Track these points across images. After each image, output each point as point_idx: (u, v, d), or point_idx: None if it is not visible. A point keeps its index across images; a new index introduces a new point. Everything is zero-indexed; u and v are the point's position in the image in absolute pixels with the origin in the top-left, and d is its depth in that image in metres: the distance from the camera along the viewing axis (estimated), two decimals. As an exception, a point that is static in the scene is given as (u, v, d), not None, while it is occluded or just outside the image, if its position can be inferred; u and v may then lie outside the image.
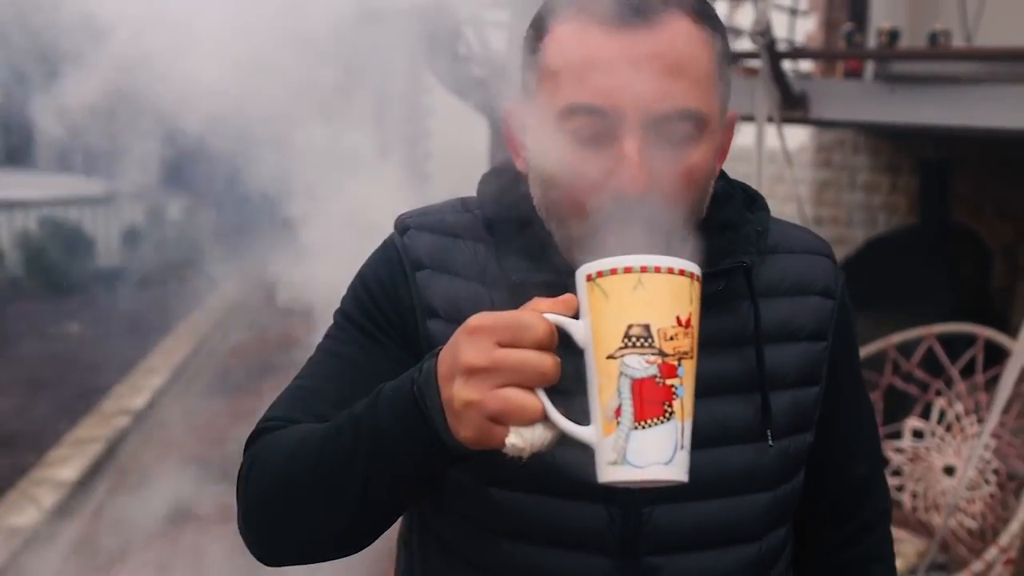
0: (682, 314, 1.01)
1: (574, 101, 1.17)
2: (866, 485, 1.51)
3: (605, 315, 1.01)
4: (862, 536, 1.51)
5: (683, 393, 1.01)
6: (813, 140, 8.35)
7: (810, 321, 1.36)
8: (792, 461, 1.35)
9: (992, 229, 6.72)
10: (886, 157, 7.74)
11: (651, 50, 1.15)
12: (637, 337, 1.00)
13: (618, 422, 1.00)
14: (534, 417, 1.00)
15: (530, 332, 1.01)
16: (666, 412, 1.00)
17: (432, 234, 1.34)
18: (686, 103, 1.16)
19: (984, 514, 4.05)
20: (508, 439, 1.01)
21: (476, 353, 1.01)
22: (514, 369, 1.00)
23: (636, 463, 1.00)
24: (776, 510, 1.35)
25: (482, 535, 1.30)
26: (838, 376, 1.40)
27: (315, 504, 1.17)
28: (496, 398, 1.00)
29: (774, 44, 4.78)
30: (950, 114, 4.83)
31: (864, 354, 4.67)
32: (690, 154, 1.19)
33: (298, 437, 1.22)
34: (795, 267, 1.37)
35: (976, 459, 3.95)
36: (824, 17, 8.01)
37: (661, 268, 1.02)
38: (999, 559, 3.61)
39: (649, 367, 0.99)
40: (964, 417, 4.33)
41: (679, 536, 1.28)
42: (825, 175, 8.27)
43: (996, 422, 3.92)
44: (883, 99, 4.96)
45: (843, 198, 8.05)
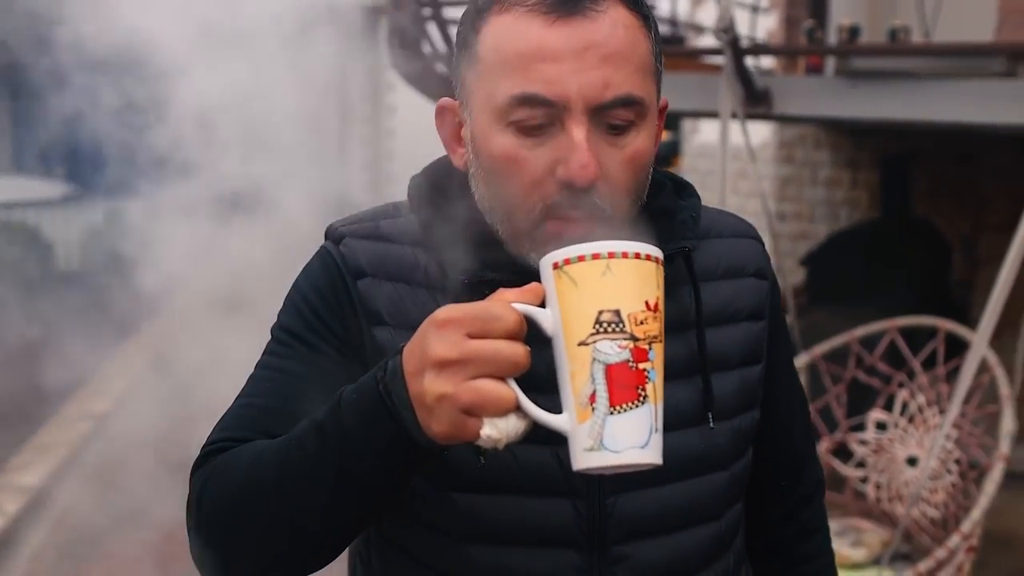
0: (650, 298, 1.03)
1: (518, 92, 1.17)
2: (802, 458, 1.56)
3: (574, 302, 1.02)
4: (801, 508, 1.56)
5: (655, 377, 1.02)
6: (775, 136, 8.40)
7: (748, 303, 1.39)
8: (743, 438, 1.38)
9: (951, 222, 6.79)
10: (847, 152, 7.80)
11: (593, 38, 1.16)
12: (608, 323, 1.00)
13: (593, 408, 1.00)
14: (508, 407, 1.01)
15: (500, 322, 1.01)
16: (640, 396, 1.00)
17: (369, 241, 1.33)
18: (629, 90, 1.18)
19: (946, 503, 4.09)
20: (483, 431, 1.01)
21: (447, 346, 1.01)
22: (486, 360, 1.00)
23: (613, 448, 1.00)
24: (733, 487, 1.38)
25: (447, 541, 1.29)
26: (774, 354, 1.45)
27: (280, 516, 1.14)
28: (469, 390, 1.00)
29: (738, 41, 4.80)
30: (910, 109, 4.87)
31: (828, 348, 4.71)
32: (633, 141, 1.20)
33: (253, 452, 1.19)
34: (728, 251, 1.40)
35: (938, 449, 3.99)
36: (785, 14, 8.06)
37: (628, 253, 1.03)
38: (961, 546, 3.65)
39: (622, 352, 1.00)
40: (926, 408, 4.37)
41: (644, 522, 1.29)
42: (787, 171, 8.33)
43: (957, 413, 3.96)
44: (844, 95, 5.00)
45: (805, 193, 8.11)
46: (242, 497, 1.17)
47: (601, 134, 1.18)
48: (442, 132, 1.32)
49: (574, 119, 1.16)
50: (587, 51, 1.16)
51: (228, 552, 1.19)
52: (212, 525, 1.19)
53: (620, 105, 1.18)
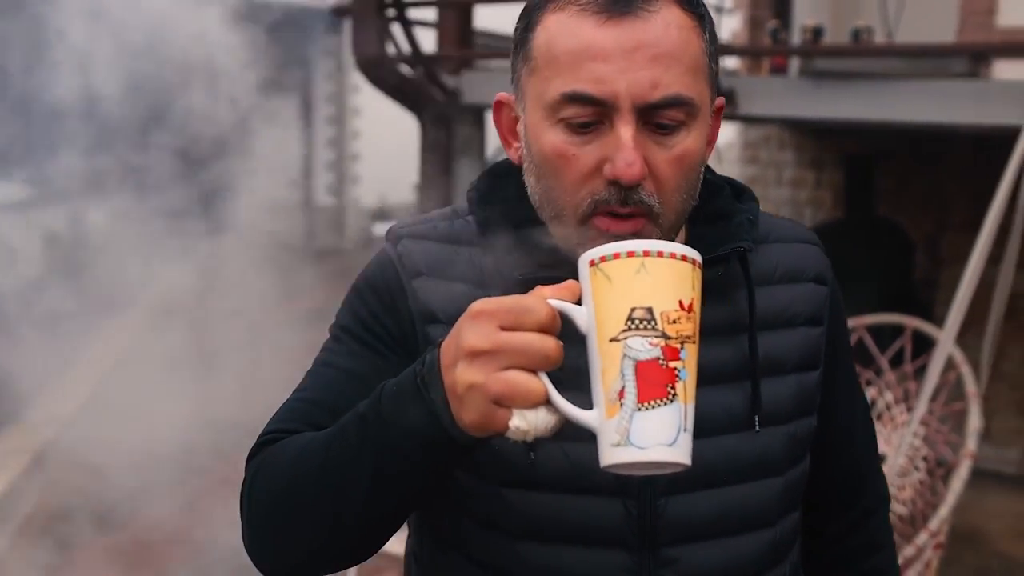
0: (684, 298, 1.03)
1: (568, 90, 1.18)
2: (866, 469, 1.54)
3: (608, 299, 1.03)
4: (864, 522, 1.53)
5: (686, 376, 1.02)
6: (740, 137, 8.44)
7: (807, 307, 1.38)
8: (799, 445, 1.37)
9: (914, 222, 6.84)
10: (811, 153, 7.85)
11: (643, 38, 1.17)
12: (640, 320, 1.01)
13: (621, 404, 1.00)
14: (537, 399, 1.01)
15: (533, 315, 1.01)
16: (669, 394, 1.00)
17: (427, 241, 1.34)
18: (678, 90, 1.18)
19: (914, 500, 4.12)
20: (512, 422, 1.01)
21: (479, 336, 1.02)
22: (517, 351, 1.00)
23: (639, 444, 1.00)
24: (788, 494, 1.36)
25: (498, 538, 1.29)
26: (834, 361, 1.43)
27: (323, 505, 1.16)
28: (499, 380, 1.00)
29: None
30: (873, 109, 4.91)
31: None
32: (682, 141, 1.21)
33: (302, 442, 1.22)
34: (787, 255, 1.40)
35: (906, 447, 4.02)
36: (749, 15, 8.10)
37: (664, 253, 1.03)
38: (929, 543, 3.67)
39: (652, 349, 1.00)
40: (894, 406, 4.40)
41: (696, 526, 1.29)
42: (752, 171, 8.37)
43: (924, 410, 3.99)
44: (808, 95, 5.03)
45: (770, 193, 8.15)
46: (289, 486, 1.19)
47: (649, 133, 1.19)
48: (498, 126, 1.34)
49: (622, 118, 1.17)
50: (637, 51, 1.16)
51: (276, 539, 1.22)
52: (261, 514, 1.23)
53: (668, 105, 1.18)
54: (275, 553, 1.24)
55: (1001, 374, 6.36)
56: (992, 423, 6.44)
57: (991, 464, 6.37)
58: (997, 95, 4.62)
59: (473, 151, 6.29)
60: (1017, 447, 6.49)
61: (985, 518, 5.74)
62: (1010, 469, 6.47)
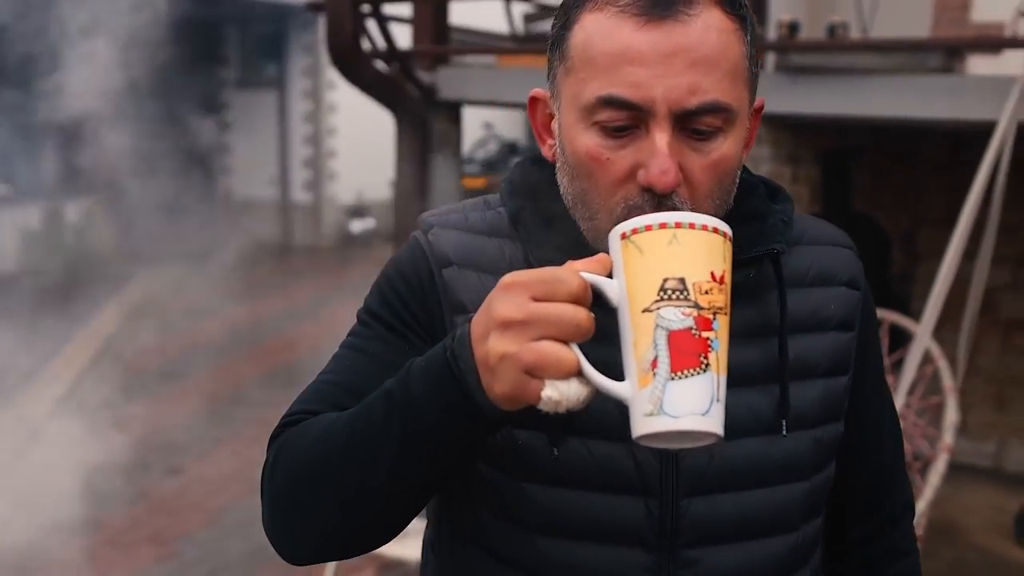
0: (716, 270, 1.03)
1: (604, 93, 1.17)
2: (892, 476, 1.52)
3: (640, 270, 1.03)
4: (888, 529, 1.51)
5: (718, 347, 1.02)
6: (716, 132, 8.42)
7: (838, 311, 1.37)
8: (825, 450, 1.35)
9: (891, 217, 6.86)
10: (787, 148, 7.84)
11: (682, 42, 1.15)
12: (673, 290, 1.01)
13: (654, 373, 1.00)
14: (569, 370, 1.01)
15: (564, 286, 1.01)
16: (702, 363, 1.00)
17: (457, 231, 1.34)
18: (716, 97, 1.16)
19: (891, 495, 4.13)
20: (544, 392, 1.01)
21: (511, 307, 1.02)
22: (549, 321, 1.00)
23: (672, 412, 1.00)
24: (812, 499, 1.35)
25: (518, 532, 1.29)
26: (865, 366, 1.41)
27: (348, 478, 1.16)
28: (531, 350, 1.00)
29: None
30: (849, 104, 4.92)
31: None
32: (719, 147, 1.19)
33: (327, 420, 1.21)
34: (820, 258, 1.38)
35: (883, 441, 4.02)
36: (724, 10, 8.08)
37: (696, 225, 1.03)
38: (907, 538, 3.68)
39: (685, 319, 1.00)
40: (871, 401, 4.40)
41: (718, 528, 1.28)
42: (729, 166, 8.35)
43: (902, 404, 4.00)
44: (784, 90, 5.02)
45: (747, 189, 8.13)
46: (313, 461, 1.19)
47: (685, 138, 1.18)
48: (533, 122, 1.33)
49: (658, 124, 1.16)
50: (675, 55, 1.15)
51: (296, 520, 1.21)
52: (283, 491, 1.22)
53: (706, 112, 1.16)
54: (295, 534, 1.23)
55: (977, 368, 6.38)
56: (968, 417, 6.47)
57: (967, 458, 6.40)
58: (971, 90, 4.63)
59: (449, 147, 6.27)
60: (993, 441, 6.52)
61: (961, 512, 5.77)
62: (986, 463, 6.50)
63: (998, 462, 6.51)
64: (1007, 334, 6.47)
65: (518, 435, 1.25)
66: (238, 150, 16.98)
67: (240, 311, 11.38)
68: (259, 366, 9.16)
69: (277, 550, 1.26)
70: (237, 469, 6.59)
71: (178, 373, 8.89)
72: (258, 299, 12.09)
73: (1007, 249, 6.12)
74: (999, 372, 6.47)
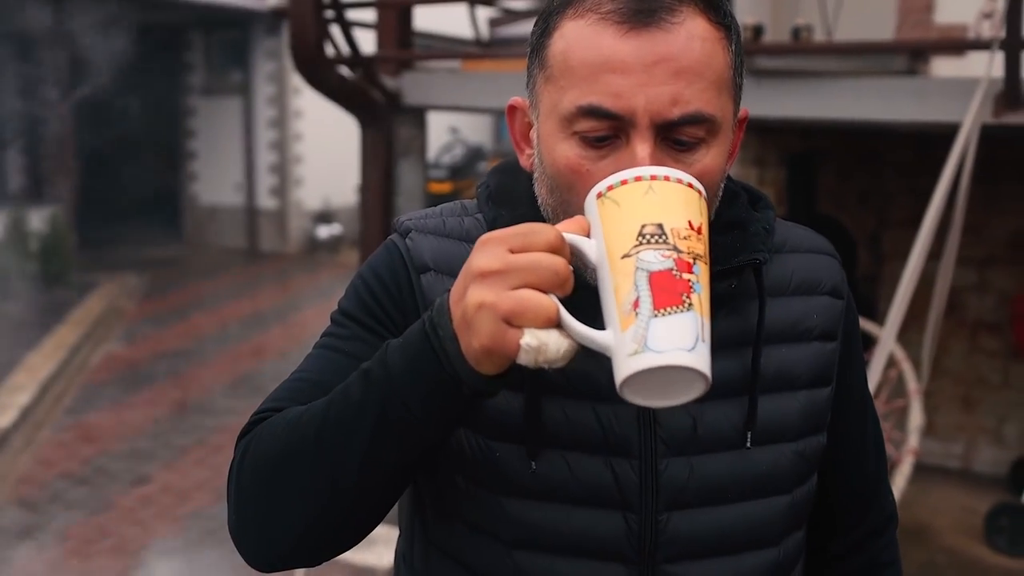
0: (694, 220, 1.03)
1: (584, 103, 1.14)
2: (874, 489, 1.49)
3: (618, 221, 1.02)
4: (870, 542, 1.49)
5: (700, 290, 1.00)
6: (683, 135, 8.43)
7: (821, 321, 1.34)
8: (807, 463, 1.33)
9: (856, 219, 6.89)
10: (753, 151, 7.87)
11: (665, 51, 1.12)
12: (651, 235, 1.00)
13: (636, 313, 0.98)
14: (548, 316, 0.99)
15: (541, 236, 1.01)
16: (685, 302, 0.99)
17: (435, 237, 1.32)
18: (699, 107, 1.14)
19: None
20: (523, 340, 0.99)
21: (488, 258, 1.01)
22: (527, 268, 1.00)
23: (657, 348, 0.97)
24: (794, 513, 1.33)
25: (495, 546, 1.26)
26: (847, 377, 1.39)
27: (317, 473, 1.12)
28: (510, 297, 0.99)
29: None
30: (813, 107, 4.92)
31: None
32: (702, 158, 1.16)
33: (298, 411, 1.18)
34: (803, 266, 1.36)
35: (849, 445, 4.02)
36: (689, 14, 8.10)
37: (671, 177, 1.04)
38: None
39: (665, 260, 0.99)
40: (837, 404, 4.41)
41: (697, 543, 1.25)
42: (695, 170, 8.37)
43: (867, 408, 3.99)
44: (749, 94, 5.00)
45: (713, 192, 8.15)
46: (281, 455, 1.15)
47: (667, 149, 1.15)
48: (511, 131, 1.30)
49: (639, 134, 1.13)
50: (657, 65, 1.12)
51: (263, 519, 1.18)
52: (250, 490, 1.18)
53: (689, 123, 1.14)
54: (262, 535, 1.19)
55: (944, 369, 6.42)
56: (936, 418, 6.50)
57: (936, 459, 6.44)
58: (935, 92, 4.65)
59: (414, 152, 6.24)
60: (961, 442, 6.56)
61: (931, 513, 5.79)
62: (955, 464, 6.54)
63: (966, 463, 6.55)
64: (974, 335, 6.51)
65: (496, 448, 1.24)
66: (203, 156, 16.88)
67: (206, 317, 11.31)
68: (226, 373, 9.10)
69: (243, 555, 1.21)
70: (204, 478, 6.54)
71: (143, 380, 8.82)
72: (224, 305, 12.02)
73: (973, 250, 6.16)
74: (966, 373, 6.51)
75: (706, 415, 1.25)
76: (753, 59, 5.13)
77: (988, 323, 6.46)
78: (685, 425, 1.24)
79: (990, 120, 4.22)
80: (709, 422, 1.25)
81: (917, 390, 4.20)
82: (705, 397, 1.02)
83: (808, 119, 5.13)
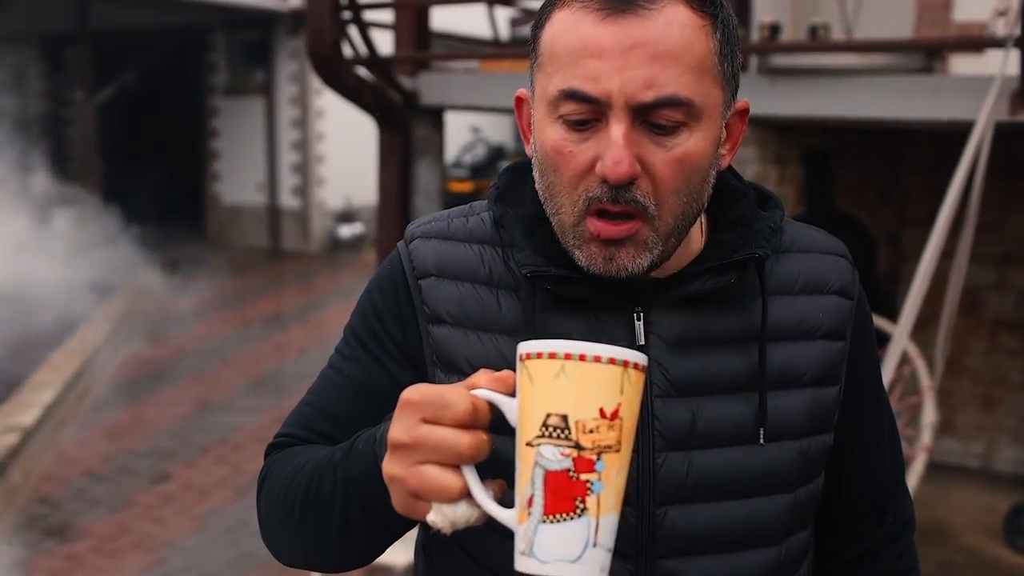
0: (607, 406, 0.98)
1: (565, 87, 1.17)
2: (889, 492, 1.49)
3: (529, 400, 1.00)
4: (886, 548, 1.48)
5: (600, 489, 0.98)
6: (701, 134, 8.41)
7: (827, 320, 1.35)
8: (812, 462, 1.33)
9: (877, 217, 6.86)
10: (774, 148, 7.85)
11: (641, 36, 1.15)
12: (554, 428, 0.98)
13: (529, 512, 0.99)
14: (451, 496, 1.02)
15: (449, 410, 1.02)
16: (577, 508, 0.97)
17: (438, 240, 1.35)
18: (675, 90, 1.15)
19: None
20: (429, 516, 1.02)
21: (400, 429, 1.04)
22: (432, 447, 1.02)
23: (541, 557, 0.98)
24: (797, 512, 1.33)
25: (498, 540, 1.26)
26: (857, 378, 1.39)
27: (305, 534, 1.25)
28: (415, 474, 1.03)
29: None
30: (828, 106, 4.91)
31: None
32: (683, 142, 1.18)
33: (294, 467, 1.28)
34: (810, 266, 1.36)
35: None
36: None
37: (587, 356, 0.99)
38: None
39: (563, 460, 0.97)
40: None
41: (695, 538, 1.26)
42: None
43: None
44: (765, 92, 5.02)
45: (732, 191, 8.13)
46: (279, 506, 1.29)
47: (646, 132, 1.17)
48: (519, 122, 1.34)
49: (615, 116, 1.16)
50: (634, 49, 1.15)
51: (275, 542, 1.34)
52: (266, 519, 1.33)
53: (664, 105, 1.16)
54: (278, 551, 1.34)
55: (964, 368, 6.39)
56: (956, 417, 6.47)
57: (955, 458, 6.41)
58: (950, 90, 4.63)
59: (432, 153, 6.26)
60: (981, 441, 6.52)
61: (949, 512, 5.77)
62: (974, 463, 6.50)
63: (987, 462, 6.51)
64: (993, 334, 6.47)
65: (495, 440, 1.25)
66: (226, 156, 16.97)
67: (228, 317, 11.37)
68: (247, 372, 9.15)
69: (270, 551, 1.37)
70: (224, 475, 6.58)
71: (166, 379, 8.88)
72: (246, 305, 12.08)
73: (992, 248, 6.13)
74: (986, 372, 6.47)
75: (705, 410, 1.26)
76: (768, 57, 5.13)
77: (1008, 322, 6.43)
78: (684, 420, 1.25)
79: (1005, 118, 4.20)
80: (708, 418, 1.26)
81: (930, 387, 4.19)
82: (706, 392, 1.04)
83: (822, 118, 5.12)
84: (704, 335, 1.27)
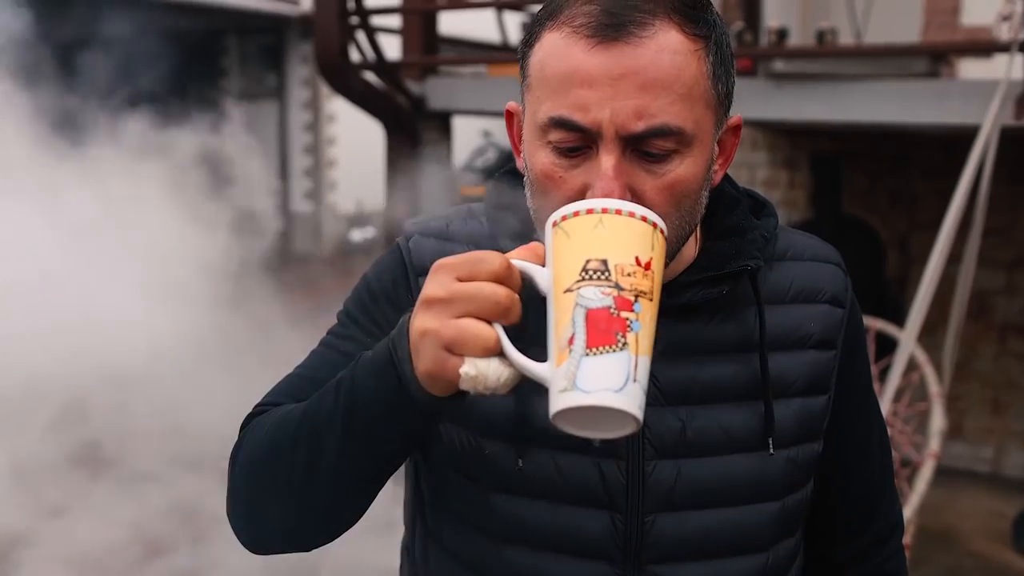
0: (642, 256, 1.03)
1: (555, 114, 1.17)
2: (878, 497, 1.49)
3: (566, 253, 1.04)
4: (875, 550, 1.49)
5: (639, 328, 1.01)
6: (712, 138, 8.42)
7: (818, 329, 1.35)
8: (800, 470, 1.34)
9: (887, 221, 6.85)
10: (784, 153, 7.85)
11: (631, 65, 1.14)
12: (594, 271, 1.02)
13: (571, 350, 1.00)
14: (487, 346, 1.02)
15: (486, 265, 1.03)
16: (619, 342, 1.00)
17: (437, 240, 1.36)
18: (665, 120, 1.14)
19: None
20: (462, 368, 1.02)
21: (435, 286, 1.04)
22: (469, 298, 1.02)
23: (585, 388, 0.99)
24: (785, 520, 1.33)
25: (485, 542, 1.30)
26: (848, 386, 1.39)
27: (296, 464, 1.19)
28: (451, 326, 1.02)
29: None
30: (835, 111, 4.91)
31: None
32: (674, 169, 1.17)
33: (287, 409, 1.25)
34: (803, 274, 1.36)
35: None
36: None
37: (623, 211, 1.05)
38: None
39: (604, 298, 1.00)
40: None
41: (683, 545, 1.27)
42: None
43: (888, 411, 3.99)
44: (771, 96, 5.02)
45: (742, 195, 8.12)
46: (268, 446, 1.23)
47: (637, 160, 1.16)
48: (510, 134, 1.34)
49: (605, 146, 1.15)
50: (624, 79, 1.13)
51: (254, 505, 1.25)
52: (243, 478, 1.26)
53: (654, 135, 1.15)
54: (255, 521, 1.27)
55: (973, 373, 6.37)
56: (965, 422, 6.46)
57: (964, 463, 6.39)
58: (956, 94, 4.63)
59: (439, 157, 6.27)
60: (990, 445, 6.51)
61: (958, 517, 5.75)
62: (983, 468, 6.48)
63: (996, 467, 6.49)
64: (1002, 338, 6.45)
65: (485, 445, 1.27)
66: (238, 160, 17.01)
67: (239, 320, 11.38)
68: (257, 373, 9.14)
69: (238, 537, 1.29)
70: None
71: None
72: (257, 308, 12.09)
73: (1001, 252, 6.12)
74: (995, 376, 6.46)
75: (696, 419, 1.26)
76: (774, 62, 5.13)
77: (1017, 326, 6.41)
78: (674, 428, 1.26)
79: (1011, 122, 4.20)
80: (699, 426, 1.26)
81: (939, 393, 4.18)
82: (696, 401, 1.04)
83: (829, 123, 5.12)
84: (695, 344, 1.27)
